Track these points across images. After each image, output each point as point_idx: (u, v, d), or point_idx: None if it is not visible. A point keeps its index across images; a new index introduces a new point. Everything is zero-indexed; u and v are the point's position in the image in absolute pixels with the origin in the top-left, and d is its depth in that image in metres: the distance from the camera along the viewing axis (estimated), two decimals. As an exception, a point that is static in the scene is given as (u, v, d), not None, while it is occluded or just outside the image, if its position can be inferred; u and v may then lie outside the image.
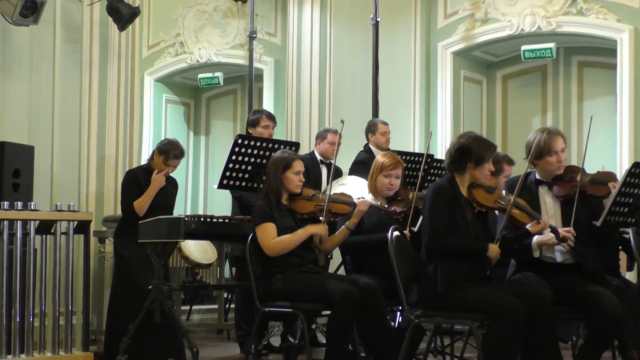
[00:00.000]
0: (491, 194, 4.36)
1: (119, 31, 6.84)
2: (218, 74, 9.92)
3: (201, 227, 5.25)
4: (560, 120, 8.73)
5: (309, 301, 4.71)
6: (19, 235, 5.11)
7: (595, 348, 4.30)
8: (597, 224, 4.32)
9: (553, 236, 4.33)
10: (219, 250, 6.95)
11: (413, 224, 4.99)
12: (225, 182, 5.51)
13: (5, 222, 5.08)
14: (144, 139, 9.59)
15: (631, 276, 6.25)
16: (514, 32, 8.24)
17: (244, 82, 10.01)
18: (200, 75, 10.01)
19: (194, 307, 8.34)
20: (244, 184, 5.55)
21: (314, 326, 6.18)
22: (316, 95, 8.86)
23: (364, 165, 6.19)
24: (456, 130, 8.28)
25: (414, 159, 6.16)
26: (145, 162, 5.88)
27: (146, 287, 5.18)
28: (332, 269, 6.59)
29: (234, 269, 7.45)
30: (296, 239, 4.81)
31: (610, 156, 7.53)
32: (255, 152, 5.47)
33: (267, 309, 4.77)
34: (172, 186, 5.88)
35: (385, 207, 5.00)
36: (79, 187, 6.78)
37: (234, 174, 5.49)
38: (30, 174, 6.06)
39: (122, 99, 7.05)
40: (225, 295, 7.85)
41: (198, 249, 7.74)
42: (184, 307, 8.07)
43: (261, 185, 5.28)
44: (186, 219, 5.19)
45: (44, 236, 5.28)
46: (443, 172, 6.03)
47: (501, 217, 4.39)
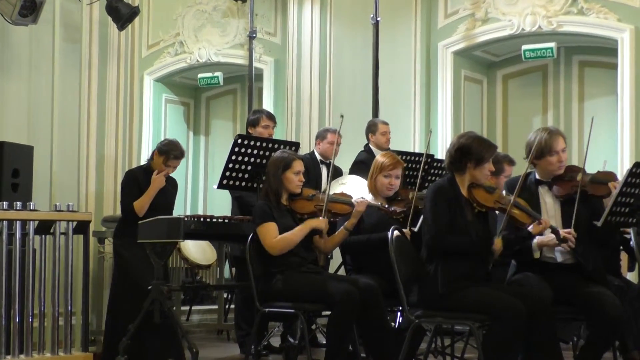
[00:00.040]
0: (491, 194, 4.35)
1: (119, 31, 6.82)
2: (218, 73, 9.92)
3: (201, 228, 5.24)
4: (561, 120, 8.72)
5: (309, 301, 4.70)
6: (18, 235, 5.10)
7: (596, 349, 4.29)
8: (598, 224, 4.31)
9: (554, 237, 4.32)
10: (218, 250, 6.93)
11: (413, 224, 4.97)
12: (225, 182, 5.50)
13: (4, 222, 5.07)
14: (143, 138, 9.59)
15: (632, 276, 6.23)
16: (515, 31, 8.22)
17: (243, 82, 10.00)
18: (200, 75, 10.01)
19: (193, 307, 8.34)
20: (243, 184, 5.54)
21: (314, 326, 6.16)
22: (316, 95, 8.85)
23: (364, 165, 6.17)
24: (456, 130, 8.27)
25: (414, 158, 6.15)
26: (145, 162, 5.87)
27: (146, 288, 5.16)
28: (332, 269, 6.57)
29: (233, 269, 7.45)
30: (297, 234, 4.80)
31: (611, 156, 7.51)
32: (255, 152, 5.46)
33: (267, 309, 4.76)
34: (172, 186, 5.87)
35: (386, 207, 4.99)
36: (78, 187, 6.76)
37: (233, 174, 5.48)
38: (30, 174, 6.05)
39: (121, 98, 7.03)
40: (225, 295, 7.84)
41: (197, 250, 7.74)
42: (183, 308, 8.06)
43: (261, 186, 5.27)
44: (186, 219, 5.18)
45: (43, 236, 5.26)
46: (443, 172, 6.02)
47: (501, 217, 4.38)
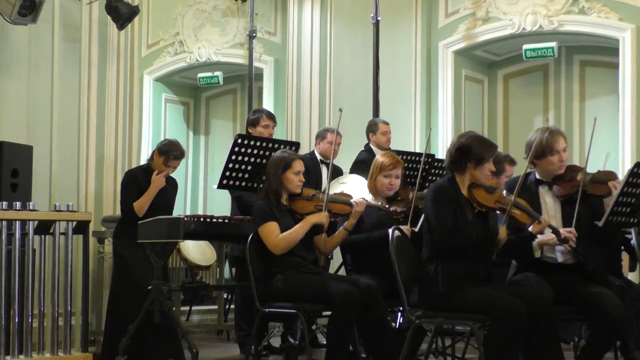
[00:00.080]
0: (492, 194, 4.34)
1: (118, 30, 6.81)
2: (218, 73, 9.91)
3: (201, 228, 5.23)
4: (562, 120, 8.71)
5: (310, 302, 4.69)
6: (17, 235, 5.08)
7: (597, 349, 4.28)
8: (600, 224, 4.30)
9: (554, 236, 4.30)
10: (218, 250, 6.92)
11: (413, 224, 4.96)
12: (225, 182, 5.49)
13: (4, 223, 5.05)
14: (143, 138, 9.58)
15: (634, 277, 6.23)
16: (516, 31, 8.22)
17: (243, 82, 9.99)
18: (200, 75, 10.00)
19: (193, 307, 8.32)
20: (243, 184, 5.53)
21: (314, 327, 6.15)
22: (316, 94, 8.83)
23: (364, 165, 6.16)
24: (457, 130, 8.26)
25: (415, 158, 6.13)
26: (145, 163, 5.85)
27: (145, 288, 5.15)
28: (332, 269, 6.56)
29: (233, 270, 7.43)
30: (299, 232, 4.78)
31: (612, 155, 7.49)
32: (255, 151, 5.45)
33: (267, 309, 4.75)
34: (172, 186, 5.85)
35: (386, 207, 4.97)
36: (78, 187, 6.74)
37: (233, 174, 5.46)
38: (29, 173, 6.03)
39: (121, 98, 7.01)
40: (225, 295, 7.82)
41: (197, 250, 7.72)
42: (183, 308, 8.05)
43: (261, 185, 5.25)
44: (186, 219, 5.17)
45: (42, 236, 5.24)
46: (444, 172, 6.00)
47: (502, 217, 4.36)
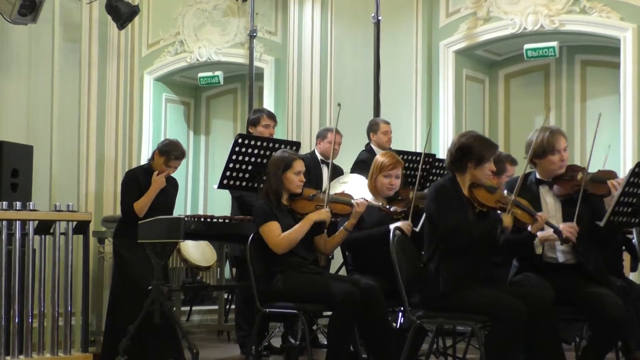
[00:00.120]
0: (492, 193, 4.33)
1: (118, 30, 6.79)
2: (218, 72, 9.90)
3: (201, 228, 5.22)
4: (563, 120, 8.70)
5: (310, 302, 4.68)
6: (17, 235, 5.07)
7: (598, 349, 4.27)
8: (601, 224, 4.29)
9: (554, 232, 4.29)
10: (218, 250, 6.91)
11: (414, 223, 4.95)
12: (225, 182, 5.48)
13: (4, 223, 5.04)
14: (143, 138, 9.57)
15: (635, 277, 6.21)
16: (517, 30, 8.20)
17: (244, 81, 9.97)
18: (200, 74, 9.99)
19: (194, 307, 8.31)
20: (244, 183, 5.52)
21: (315, 327, 6.14)
22: (317, 94, 8.82)
23: (365, 165, 6.14)
24: (458, 130, 8.25)
25: (415, 158, 6.13)
26: (146, 163, 5.84)
27: (146, 288, 5.15)
28: (333, 269, 6.55)
29: (234, 270, 7.42)
30: (300, 230, 4.78)
31: (613, 155, 7.48)
32: (256, 151, 5.44)
33: (267, 309, 4.74)
34: (173, 186, 5.84)
35: (387, 207, 4.97)
36: (78, 187, 6.73)
37: (234, 174, 5.45)
38: (29, 173, 6.02)
39: (121, 98, 7.00)
40: (226, 295, 7.81)
41: (197, 251, 7.71)
42: (184, 308, 8.04)
43: (261, 185, 5.24)
44: (186, 219, 5.17)
45: (42, 236, 5.23)
46: (444, 172, 5.99)
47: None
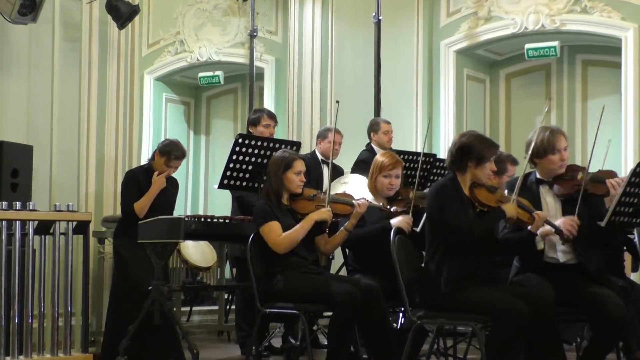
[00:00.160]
0: (493, 193, 4.32)
1: (119, 29, 6.79)
2: (218, 72, 9.90)
3: (201, 228, 5.22)
4: (564, 119, 8.69)
5: (311, 302, 4.67)
6: (17, 235, 5.06)
7: (599, 350, 4.27)
8: (602, 224, 4.28)
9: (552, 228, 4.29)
10: (219, 251, 6.90)
11: (415, 223, 4.94)
12: (225, 182, 5.48)
13: (4, 223, 5.03)
14: (143, 138, 9.57)
15: (636, 277, 6.20)
16: (518, 30, 8.20)
17: (244, 81, 9.96)
18: (201, 74, 9.99)
19: (194, 308, 8.30)
20: (244, 183, 5.51)
21: (315, 327, 6.13)
22: (317, 94, 8.82)
23: (366, 165, 6.13)
24: (459, 130, 8.24)
25: (416, 158, 6.11)
26: (146, 163, 5.84)
27: (146, 288, 5.14)
28: (333, 269, 6.54)
29: (234, 270, 7.41)
30: (301, 230, 4.77)
31: (614, 155, 7.47)
32: (256, 151, 5.43)
33: (268, 309, 4.73)
34: (173, 186, 5.84)
35: (387, 207, 4.96)
36: (78, 187, 6.72)
37: (234, 174, 5.45)
38: (29, 173, 6.01)
39: (121, 98, 6.99)
40: (226, 296, 7.80)
41: (197, 251, 7.70)
42: (184, 308, 8.03)
43: (262, 185, 5.24)
44: (186, 219, 5.16)
45: (42, 236, 5.23)
46: (445, 171, 5.98)
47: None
